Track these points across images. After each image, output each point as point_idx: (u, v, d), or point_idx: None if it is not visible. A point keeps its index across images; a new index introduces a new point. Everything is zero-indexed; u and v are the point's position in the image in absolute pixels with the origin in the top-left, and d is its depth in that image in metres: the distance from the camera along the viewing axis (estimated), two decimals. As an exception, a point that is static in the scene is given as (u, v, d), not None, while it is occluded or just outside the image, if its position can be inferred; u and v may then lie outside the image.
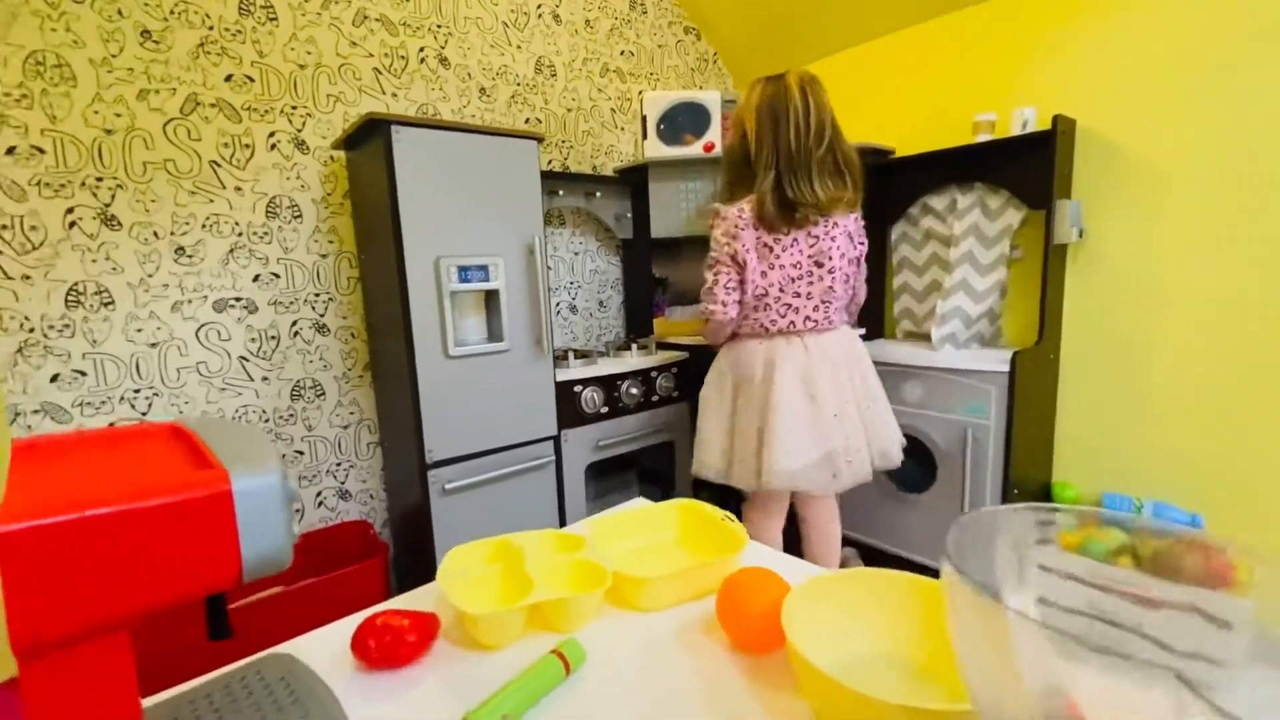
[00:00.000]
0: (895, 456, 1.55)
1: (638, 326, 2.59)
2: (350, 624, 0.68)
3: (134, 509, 0.34)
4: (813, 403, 1.44)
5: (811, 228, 1.42)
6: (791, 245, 1.43)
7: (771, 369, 1.45)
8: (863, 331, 1.73)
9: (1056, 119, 1.77)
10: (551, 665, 0.56)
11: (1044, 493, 2.02)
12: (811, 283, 1.45)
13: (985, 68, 2.08)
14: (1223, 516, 1.74)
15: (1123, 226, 1.84)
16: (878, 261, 2.35)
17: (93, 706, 0.35)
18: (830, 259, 1.43)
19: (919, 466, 1.93)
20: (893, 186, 2.23)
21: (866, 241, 1.53)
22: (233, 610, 1.42)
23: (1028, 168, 1.88)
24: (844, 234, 1.45)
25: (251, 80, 1.66)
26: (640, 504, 0.93)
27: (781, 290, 1.44)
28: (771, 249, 1.42)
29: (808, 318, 1.47)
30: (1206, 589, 0.35)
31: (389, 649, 0.59)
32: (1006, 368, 1.72)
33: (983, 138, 1.96)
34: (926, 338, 2.23)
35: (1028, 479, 1.88)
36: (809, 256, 1.43)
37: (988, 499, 1.80)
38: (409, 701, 0.56)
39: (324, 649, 0.63)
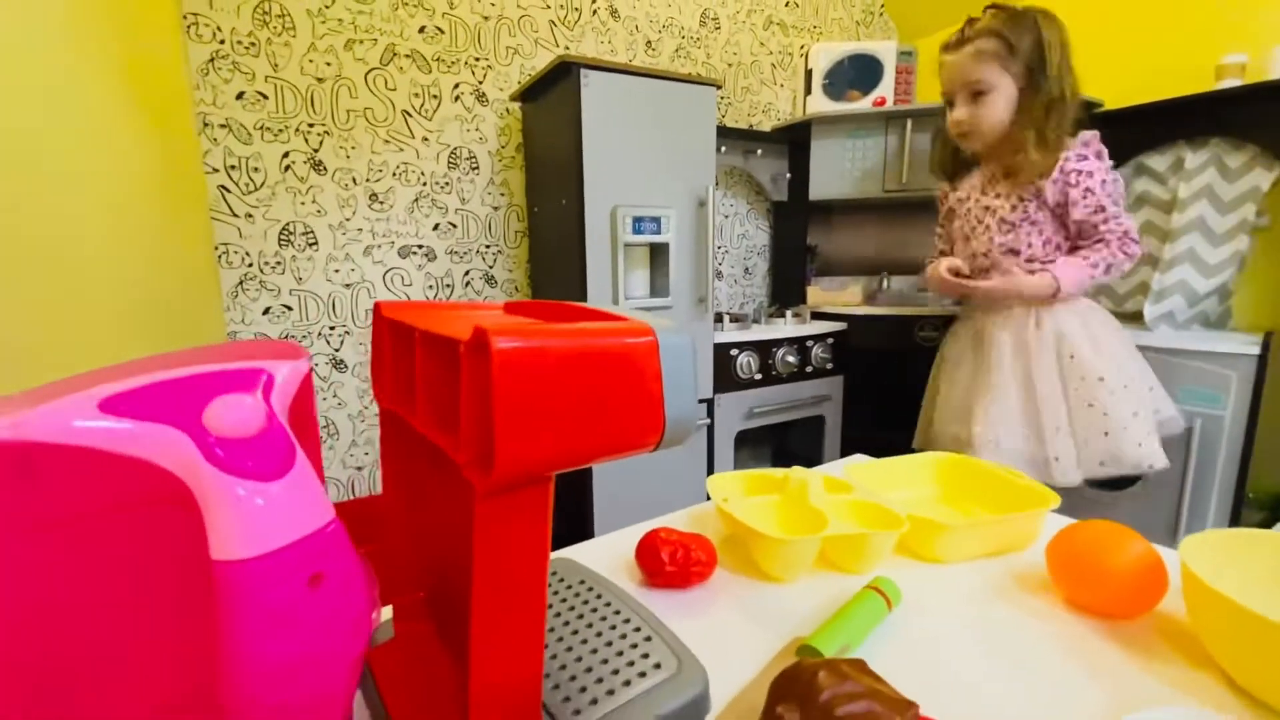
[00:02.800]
0: None
1: (784, 295, 2.48)
2: (603, 544, 0.66)
3: (598, 347, 0.31)
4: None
5: None
6: None
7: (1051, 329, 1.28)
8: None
9: (1343, 55, 1.47)
10: (874, 600, 0.50)
11: (1274, 505, 1.72)
12: None
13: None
14: None
15: None
16: (1068, 232, 2.08)
17: (524, 550, 0.33)
18: None
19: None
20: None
21: None
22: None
23: (1290, 118, 1.58)
24: None
25: (441, 31, 1.70)
26: (862, 459, 0.85)
27: None
28: None
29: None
30: None
31: (683, 566, 0.55)
32: (1255, 350, 1.46)
33: (1228, 83, 1.67)
34: (1127, 317, 1.96)
35: (1255, 486, 1.61)
36: None
37: (1212, 505, 1.55)
38: (704, 622, 0.52)
39: (590, 562, 0.61)
